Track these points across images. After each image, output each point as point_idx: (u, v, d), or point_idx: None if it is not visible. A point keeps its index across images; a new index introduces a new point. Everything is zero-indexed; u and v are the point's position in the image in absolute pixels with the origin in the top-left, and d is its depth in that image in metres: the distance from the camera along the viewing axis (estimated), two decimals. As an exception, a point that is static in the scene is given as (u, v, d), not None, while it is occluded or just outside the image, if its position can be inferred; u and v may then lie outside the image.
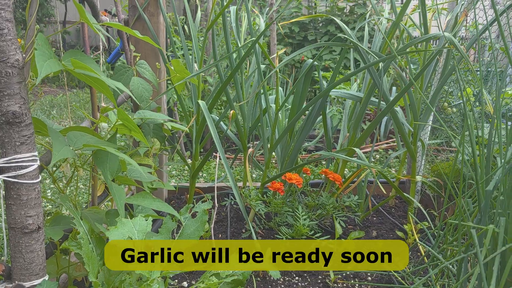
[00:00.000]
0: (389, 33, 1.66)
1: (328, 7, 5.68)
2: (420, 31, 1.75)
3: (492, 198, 1.03)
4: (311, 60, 1.71)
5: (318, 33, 5.53)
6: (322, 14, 1.75)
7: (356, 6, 5.49)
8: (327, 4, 5.63)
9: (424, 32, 1.67)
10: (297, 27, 5.52)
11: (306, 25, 5.54)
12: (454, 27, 1.63)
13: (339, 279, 1.52)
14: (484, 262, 0.93)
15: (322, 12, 5.73)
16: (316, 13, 5.72)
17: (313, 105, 1.79)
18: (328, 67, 5.08)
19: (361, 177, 1.79)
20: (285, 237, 1.60)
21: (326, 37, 5.43)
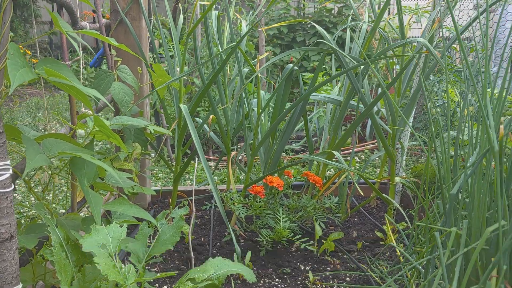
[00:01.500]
0: (367, 38, 1.69)
1: (316, 9, 5.71)
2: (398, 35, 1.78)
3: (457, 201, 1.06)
4: (291, 65, 1.73)
5: (307, 34, 5.56)
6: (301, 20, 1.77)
7: (344, 8, 5.52)
8: (316, 5, 5.66)
9: (401, 37, 1.70)
10: (286, 28, 5.55)
11: (295, 26, 5.57)
12: (431, 31, 1.66)
13: (318, 280, 1.54)
14: (448, 263, 0.96)
15: (311, 13, 5.76)
16: (304, 14, 5.75)
17: (294, 108, 1.81)
18: (316, 69, 5.12)
19: (341, 179, 1.81)
20: (265, 239, 1.62)
21: (315, 38, 5.45)
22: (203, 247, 1.76)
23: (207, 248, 1.74)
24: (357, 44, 1.78)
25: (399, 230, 1.36)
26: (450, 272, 1.00)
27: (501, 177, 0.91)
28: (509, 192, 0.97)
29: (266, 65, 1.66)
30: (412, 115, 2.05)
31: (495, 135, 0.90)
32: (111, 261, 0.97)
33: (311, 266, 1.63)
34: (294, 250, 1.74)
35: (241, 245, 1.77)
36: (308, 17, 5.67)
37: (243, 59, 1.90)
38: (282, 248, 1.74)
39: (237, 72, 2.01)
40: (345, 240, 1.82)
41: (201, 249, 1.73)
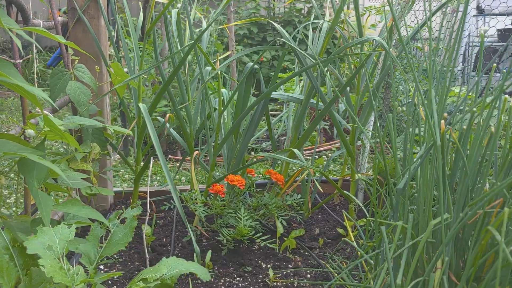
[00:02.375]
0: (326, 37, 1.70)
1: (286, 8, 5.74)
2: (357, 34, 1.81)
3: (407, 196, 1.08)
4: (251, 63, 1.74)
5: (277, 34, 5.58)
6: (259, 18, 1.78)
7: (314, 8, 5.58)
8: (285, 5, 5.69)
9: (359, 35, 1.73)
10: (256, 28, 5.56)
11: (265, 26, 5.58)
12: (390, 30, 1.69)
13: (279, 277, 1.55)
14: (394, 256, 0.98)
15: (281, 13, 5.79)
16: (274, 14, 5.78)
17: (256, 107, 1.82)
18: (286, 68, 5.14)
19: (302, 176, 1.83)
20: (225, 239, 1.62)
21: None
22: (164, 247, 1.74)
23: (169, 249, 1.73)
24: (307, 45, 1.80)
25: (357, 226, 1.38)
26: (398, 265, 1.02)
27: (443, 171, 0.93)
28: (454, 186, 0.99)
29: (225, 63, 1.65)
30: (373, 113, 2.09)
31: (438, 130, 0.92)
32: (58, 263, 0.95)
33: (272, 264, 1.64)
34: (257, 248, 1.74)
35: (203, 244, 1.76)
36: (278, 17, 5.70)
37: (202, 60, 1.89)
38: (244, 246, 1.74)
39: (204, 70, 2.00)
40: (307, 237, 1.83)
41: (162, 250, 1.71)
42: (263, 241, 1.62)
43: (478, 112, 0.96)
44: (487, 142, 0.92)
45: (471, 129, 0.98)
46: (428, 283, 0.90)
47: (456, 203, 0.93)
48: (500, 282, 0.94)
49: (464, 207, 0.94)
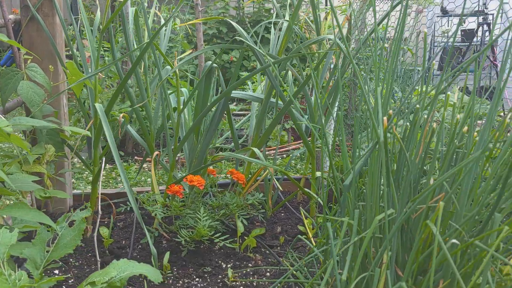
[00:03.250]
0: (284, 36, 1.71)
1: (255, 8, 5.75)
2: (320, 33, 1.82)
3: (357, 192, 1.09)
4: (210, 62, 1.73)
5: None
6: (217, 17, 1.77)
7: (282, 8, 5.59)
8: (255, 5, 5.70)
9: (317, 34, 1.74)
10: (225, 28, 5.54)
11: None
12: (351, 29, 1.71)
13: (238, 277, 1.54)
14: (340, 251, 0.99)
15: (250, 13, 5.79)
16: (243, 13, 5.77)
17: (217, 106, 1.81)
18: (255, 68, 5.15)
19: (263, 175, 1.83)
20: (184, 240, 1.60)
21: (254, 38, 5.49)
22: (123, 250, 1.71)
23: (128, 251, 1.70)
24: (257, 45, 1.80)
25: (314, 224, 1.38)
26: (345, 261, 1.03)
27: (387, 167, 0.94)
28: (400, 181, 1.01)
29: (182, 62, 1.64)
30: (335, 112, 2.11)
31: (381, 127, 0.93)
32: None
33: (232, 264, 1.63)
34: (218, 248, 1.73)
35: (163, 246, 1.74)
36: (247, 17, 5.70)
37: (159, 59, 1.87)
38: (205, 247, 1.73)
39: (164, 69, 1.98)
40: (269, 236, 1.84)
41: (120, 252, 1.68)
42: (222, 241, 1.61)
43: (420, 109, 0.97)
44: (429, 138, 0.94)
45: (415, 126, 1.00)
46: (373, 278, 0.91)
47: (400, 198, 0.95)
48: (443, 275, 0.96)
49: (408, 202, 0.95)
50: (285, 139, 3.77)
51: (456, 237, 0.91)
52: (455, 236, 0.91)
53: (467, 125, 1.01)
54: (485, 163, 0.96)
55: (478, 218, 0.93)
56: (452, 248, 0.90)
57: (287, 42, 1.70)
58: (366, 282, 0.99)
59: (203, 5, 5.89)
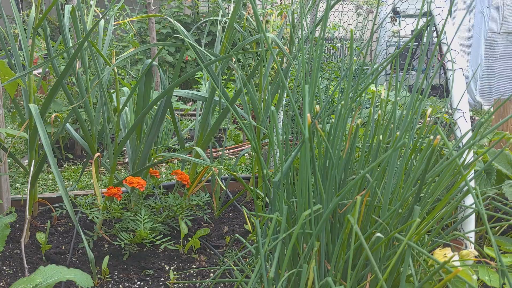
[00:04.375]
0: (225, 34, 1.70)
1: (210, 8, 5.71)
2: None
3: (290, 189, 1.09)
4: (150, 60, 1.69)
5: (202, 34, 5.54)
6: (157, 14, 1.74)
7: (245, 8, 5.59)
8: (209, 4, 5.66)
9: (258, 32, 1.74)
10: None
11: (189, 25, 5.52)
12: (281, 27, 1.72)
13: (181, 279, 1.52)
14: (271, 248, 0.99)
15: (205, 12, 5.75)
16: (198, 13, 5.72)
17: (159, 104, 1.77)
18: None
19: (208, 175, 1.81)
20: (123, 243, 1.56)
21: (210, 37, 5.45)
22: (62, 255, 1.65)
23: (67, 257, 1.64)
24: (202, 44, 1.78)
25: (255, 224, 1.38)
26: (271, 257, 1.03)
27: (312, 162, 0.95)
28: (329, 177, 1.02)
29: (119, 60, 1.59)
30: (281, 111, 2.12)
31: (306, 123, 0.94)
32: None
33: (176, 266, 1.60)
34: (161, 251, 1.70)
35: (105, 250, 1.69)
36: (202, 16, 5.65)
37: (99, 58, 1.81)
38: (148, 250, 1.69)
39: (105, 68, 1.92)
40: (215, 236, 1.82)
41: (59, 258, 1.62)
42: (164, 243, 1.58)
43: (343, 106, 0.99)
44: (354, 134, 0.95)
45: (342, 122, 1.01)
46: (301, 274, 0.91)
47: (326, 194, 0.95)
48: (371, 269, 0.97)
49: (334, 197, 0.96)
50: (240, 139, 3.76)
51: (381, 230, 0.93)
52: (380, 230, 0.93)
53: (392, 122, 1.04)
54: (409, 158, 0.99)
55: (403, 211, 0.95)
56: (378, 241, 0.91)
57: (229, 40, 1.69)
58: (299, 279, 0.99)
59: (157, 4, 5.79)
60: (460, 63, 1.19)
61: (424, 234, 0.97)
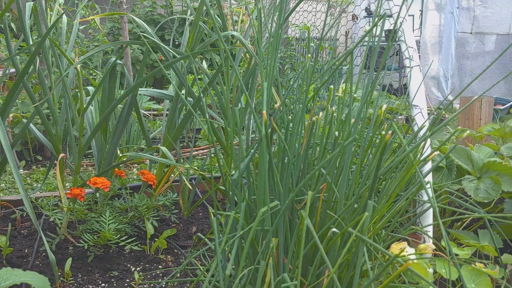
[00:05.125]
0: (191, 32, 1.69)
1: (184, 7, 5.67)
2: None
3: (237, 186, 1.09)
4: (114, 58, 1.67)
5: (176, 33, 5.49)
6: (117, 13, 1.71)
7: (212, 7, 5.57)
8: (183, 4, 5.62)
9: (223, 30, 1.73)
10: (153, 27, 5.42)
11: (163, 25, 5.47)
12: (243, 26, 1.72)
13: (147, 279, 1.50)
14: (228, 244, 0.98)
15: (179, 11, 5.71)
16: (172, 12, 5.68)
17: (124, 103, 1.75)
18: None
19: (175, 175, 1.80)
20: (87, 244, 1.53)
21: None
22: (24, 259, 1.61)
23: (30, 260, 1.60)
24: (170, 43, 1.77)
25: (220, 221, 1.37)
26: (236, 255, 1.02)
27: (270, 159, 0.95)
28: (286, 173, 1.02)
29: (82, 59, 1.57)
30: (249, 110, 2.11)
31: (262, 120, 0.94)
32: None
33: (142, 267, 1.58)
34: (128, 252, 1.68)
35: (70, 252, 1.65)
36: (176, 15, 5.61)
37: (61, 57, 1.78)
38: (114, 251, 1.67)
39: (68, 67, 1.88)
40: (183, 236, 1.80)
41: (20, 262, 1.58)
42: (129, 244, 1.56)
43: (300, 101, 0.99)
44: (310, 131, 0.96)
45: (299, 119, 1.02)
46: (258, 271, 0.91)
47: (283, 190, 0.96)
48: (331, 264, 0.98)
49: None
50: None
51: (338, 226, 0.94)
52: (336, 225, 0.94)
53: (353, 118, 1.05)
54: (365, 153, 1.00)
55: (359, 206, 0.96)
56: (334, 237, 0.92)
57: (194, 38, 1.68)
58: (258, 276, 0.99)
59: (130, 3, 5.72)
60: (417, 60, 1.21)
61: (379, 228, 0.98)
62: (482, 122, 2.70)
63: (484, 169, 1.51)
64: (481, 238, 1.42)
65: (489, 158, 1.55)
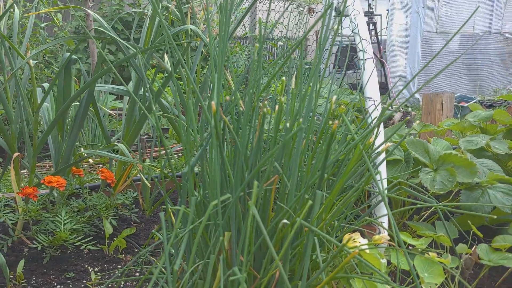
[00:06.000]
0: (148, 27, 1.66)
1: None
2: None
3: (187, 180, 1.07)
4: (68, 54, 1.62)
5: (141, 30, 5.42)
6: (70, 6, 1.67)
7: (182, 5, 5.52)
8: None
9: (182, 24, 1.71)
10: (120, 25, 5.32)
11: (130, 23, 5.38)
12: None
13: (106, 279, 1.46)
14: (176, 240, 0.96)
15: (148, 9, 5.62)
16: (140, 10, 5.59)
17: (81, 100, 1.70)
18: (154, 65, 5.01)
19: (134, 173, 1.76)
20: (40, 245, 1.48)
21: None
22: (-26, 262, 1.54)
23: (-20, 263, 1.53)
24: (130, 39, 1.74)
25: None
26: (186, 250, 1.01)
27: (220, 151, 0.94)
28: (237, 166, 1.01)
29: (32, 55, 1.51)
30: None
31: (212, 112, 0.92)
32: None
33: (100, 267, 1.54)
34: (86, 252, 1.63)
35: (25, 254, 1.59)
36: (145, 14, 5.53)
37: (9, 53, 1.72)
38: (72, 252, 1.62)
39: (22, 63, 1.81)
40: (144, 235, 1.77)
41: (-30, 266, 1.51)
42: (86, 244, 1.51)
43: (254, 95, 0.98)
44: (261, 123, 0.95)
45: (254, 112, 1.00)
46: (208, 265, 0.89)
47: (234, 182, 0.94)
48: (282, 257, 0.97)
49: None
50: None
51: (289, 217, 0.93)
52: (287, 216, 0.93)
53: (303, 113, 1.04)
54: (317, 145, 1.00)
55: (309, 197, 0.95)
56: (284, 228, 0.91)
57: (151, 32, 1.65)
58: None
59: (97, 1, 5.61)
60: (370, 52, 1.22)
61: (332, 219, 0.98)
62: (444, 117, 2.76)
63: (440, 161, 1.54)
64: (437, 229, 1.45)
65: (445, 151, 1.58)
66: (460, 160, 1.52)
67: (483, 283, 1.46)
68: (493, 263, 1.30)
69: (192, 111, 1.14)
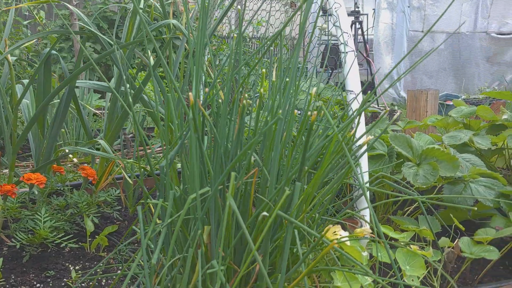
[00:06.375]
0: (130, 22, 1.64)
1: (139, 4, 5.55)
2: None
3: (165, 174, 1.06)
4: (48, 49, 1.59)
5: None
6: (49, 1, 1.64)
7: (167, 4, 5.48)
8: (137, 0, 5.50)
9: (164, 19, 1.69)
10: (106, 24, 5.27)
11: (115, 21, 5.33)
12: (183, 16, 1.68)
13: (87, 277, 1.44)
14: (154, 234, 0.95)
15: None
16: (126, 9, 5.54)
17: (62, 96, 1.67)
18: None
19: (116, 171, 1.74)
20: (19, 244, 1.45)
21: (138, 34, 5.30)
22: (-49, 262, 1.50)
23: (-42, 263, 1.50)
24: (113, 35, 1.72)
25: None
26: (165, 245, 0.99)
27: (199, 143, 0.92)
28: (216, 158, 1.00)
29: (10, 50, 1.48)
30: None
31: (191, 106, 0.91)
32: None
33: (82, 265, 1.52)
34: (67, 251, 1.60)
35: (4, 253, 1.56)
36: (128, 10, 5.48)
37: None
38: (53, 250, 1.59)
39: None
40: (128, 233, 1.75)
41: None
42: (66, 241, 1.49)
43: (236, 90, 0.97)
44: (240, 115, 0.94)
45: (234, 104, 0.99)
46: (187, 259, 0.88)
47: (213, 176, 0.93)
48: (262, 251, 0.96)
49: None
50: (168, 136, 3.68)
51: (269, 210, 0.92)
52: (267, 209, 0.92)
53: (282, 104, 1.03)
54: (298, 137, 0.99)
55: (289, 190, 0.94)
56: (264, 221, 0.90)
57: (133, 28, 1.63)
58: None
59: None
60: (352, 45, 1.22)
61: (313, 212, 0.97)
62: (428, 114, 2.78)
63: (423, 155, 1.55)
64: (420, 223, 1.45)
65: (428, 145, 1.59)
66: (442, 154, 1.52)
67: (465, 276, 1.47)
68: (475, 256, 1.30)
69: (171, 103, 1.13)
